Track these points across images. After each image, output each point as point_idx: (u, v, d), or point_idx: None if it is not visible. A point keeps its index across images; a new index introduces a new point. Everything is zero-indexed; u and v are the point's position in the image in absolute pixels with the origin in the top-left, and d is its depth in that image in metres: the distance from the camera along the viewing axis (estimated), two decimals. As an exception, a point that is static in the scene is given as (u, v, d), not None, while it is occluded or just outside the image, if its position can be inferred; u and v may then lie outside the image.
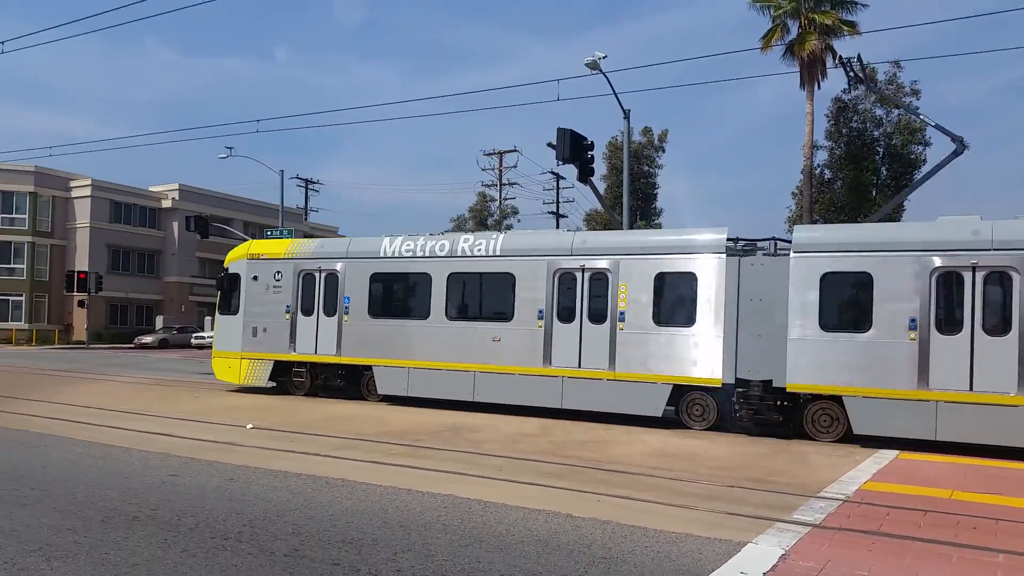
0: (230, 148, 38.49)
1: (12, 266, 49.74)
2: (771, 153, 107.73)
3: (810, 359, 12.71)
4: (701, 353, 13.66)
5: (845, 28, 29.57)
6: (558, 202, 59.02)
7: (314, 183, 68.28)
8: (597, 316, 14.57)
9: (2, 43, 21.11)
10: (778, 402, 13.09)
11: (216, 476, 8.60)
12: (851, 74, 17.85)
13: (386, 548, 5.92)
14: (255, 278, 18.56)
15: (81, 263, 49.22)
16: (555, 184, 54.57)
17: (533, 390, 14.98)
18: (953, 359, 11.71)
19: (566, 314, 14.89)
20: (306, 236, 25.48)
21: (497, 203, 50.15)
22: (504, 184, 53.36)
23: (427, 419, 14.16)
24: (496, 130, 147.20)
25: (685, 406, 13.96)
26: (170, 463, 9.28)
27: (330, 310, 17.51)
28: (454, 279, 16.15)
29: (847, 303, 12.98)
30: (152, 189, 56.65)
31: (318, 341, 17.57)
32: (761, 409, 13.11)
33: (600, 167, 40.97)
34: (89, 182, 51.55)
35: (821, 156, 34.64)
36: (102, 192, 52.04)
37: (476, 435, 12.35)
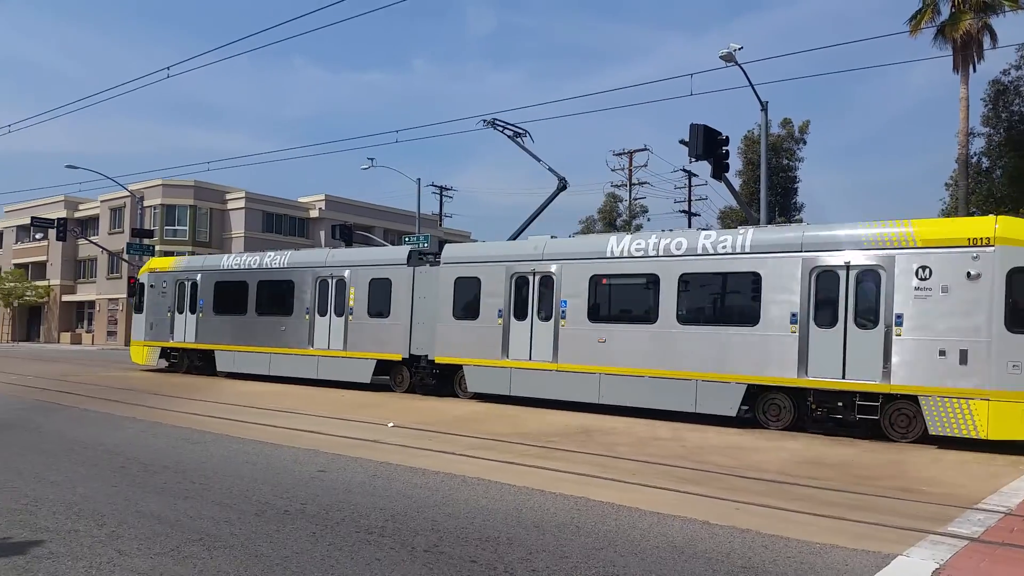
0: (371, 159, 40.14)
1: (176, 274, 53.91)
2: (922, 141, 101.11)
3: (447, 340, 17.94)
4: (399, 335, 18.98)
5: (1006, 3, 27.31)
6: (690, 200, 57.75)
7: (448, 189, 69.99)
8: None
9: (168, 68, 22.99)
10: (434, 371, 18.37)
11: (360, 472, 9.00)
12: None
13: (521, 547, 6.01)
14: (151, 286, 25.29)
15: (237, 271, 52.64)
16: (687, 182, 53.51)
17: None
18: (519, 339, 16.78)
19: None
20: (441, 241, 26.77)
21: (626, 203, 49.71)
22: (634, 184, 52.83)
23: (559, 421, 14.23)
24: (626, 129, 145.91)
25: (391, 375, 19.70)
26: (318, 459, 9.80)
27: (192, 309, 24.02)
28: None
29: (468, 300, 17.76)
30: (300, 200, 59.93)
31: (185, 332, 24.16)
32: (424, 376, 18.58)
33: (735, 162, 39.79)
34: (243, 194, 55.15)
35: (978, 144, 32.21)
36: (255, 204, 55.57)
37: (608, 438, 12.30)
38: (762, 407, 13.94)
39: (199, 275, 23.99)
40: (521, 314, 16.87)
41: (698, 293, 15.11)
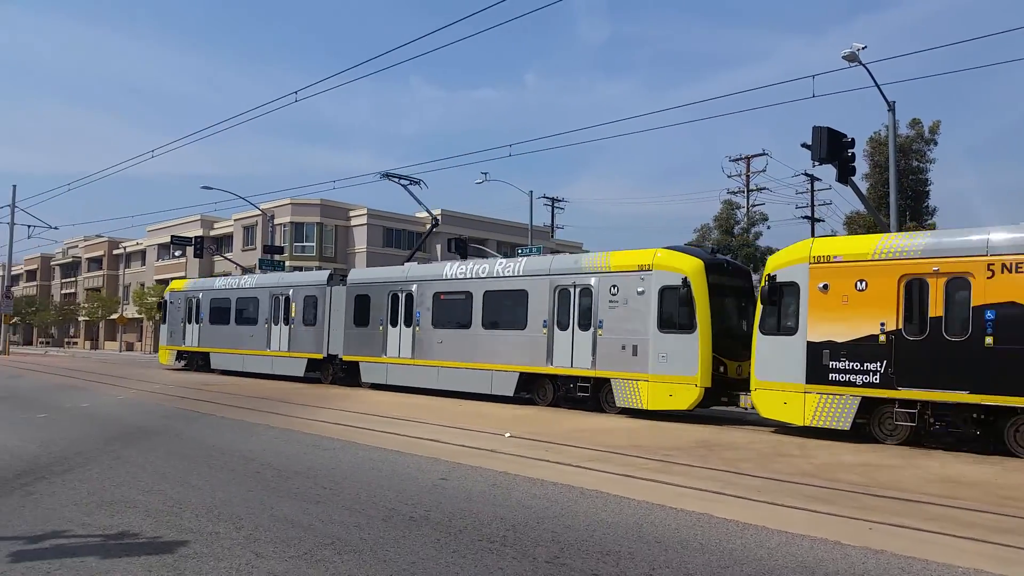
0: (485, 173, 40.89)
1: (303, 288, 56.61)
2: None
3: (345, 342, 24.12)
4: (321, 340, 25.21)
5: None
6: (812, 206, 55.54)
7: (560, 201, 70.14)
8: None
9: (296, 92, 24.23)
10: (343, 367, 24.55)
11: (480, 481, 9.13)
12: None
13: (643, 563, 5.94)
14: (172, 303, 32.79)
15: (359, 284, 54.71)
16: (809, 187, 51.58)
17: None
18: (393, 341, 22.59)
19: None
20: (552, 252, 27.07)
21: (744, 210, 48.29)
22: (752, 190, 51.32)
23: (676, 434, 13.97)
24: (744, 135, 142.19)
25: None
26: (439, 467, 10.01)
27: (197, 320, 31.35)
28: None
29: (362, 312, 23.59)
30: (418, 215, 61.54)
31: (192, 338, 31.57)
32: (337, 371, 24.87)
33: (861, 166, 37.98)
34: (365, 211, 57.22)
35: None
36: (376, 220, 57.55)
37: (730, 452, 11.97)
38: (536, 390, 19.23)
39: (200, 294, 31.32)
40: (394, 322, 22.63)
41: (494, 305, 20.22)
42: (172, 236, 49.36)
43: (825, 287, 13.63)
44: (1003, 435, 12.04)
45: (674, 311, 16.31)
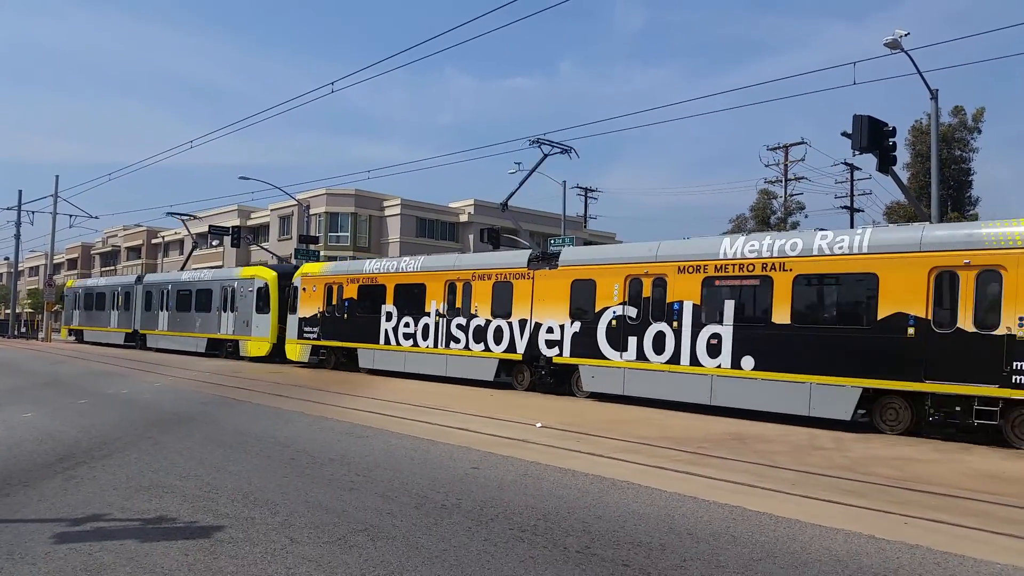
0: (518, 163, 40.92)
1: (337, 278, 57.20)
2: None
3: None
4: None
5: None
6: (852, 195, 54.60)
7: (593, 191, 69.78)
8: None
9: (332, 84, 24.45)
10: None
11: (511, 471, 9.16)
12: None
13: (674, 554, 5.92)
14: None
15: (392, 274, 55.18)
16: (849, 176, 50.73)
17: None
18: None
19: None
20: (586, 243, 27.33)
21: (781, 200, 47.65)
22: (790, 179, 50.62)
23: (708, 426, 13.88)
24: (784, 123, 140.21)
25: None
26: (470, 456, 10.06)
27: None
28: None
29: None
30: (451, 205, 61.77)
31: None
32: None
33: (903, 155, 37.32)
34: (399, 201, 57.51)
35: None
36: (410, 210, 57.82)
37: (763, 445, 11.86)
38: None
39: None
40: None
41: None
42: (210, 226, 50.10)
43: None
44: None
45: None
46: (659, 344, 16.84)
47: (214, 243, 65.45)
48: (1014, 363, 12.07)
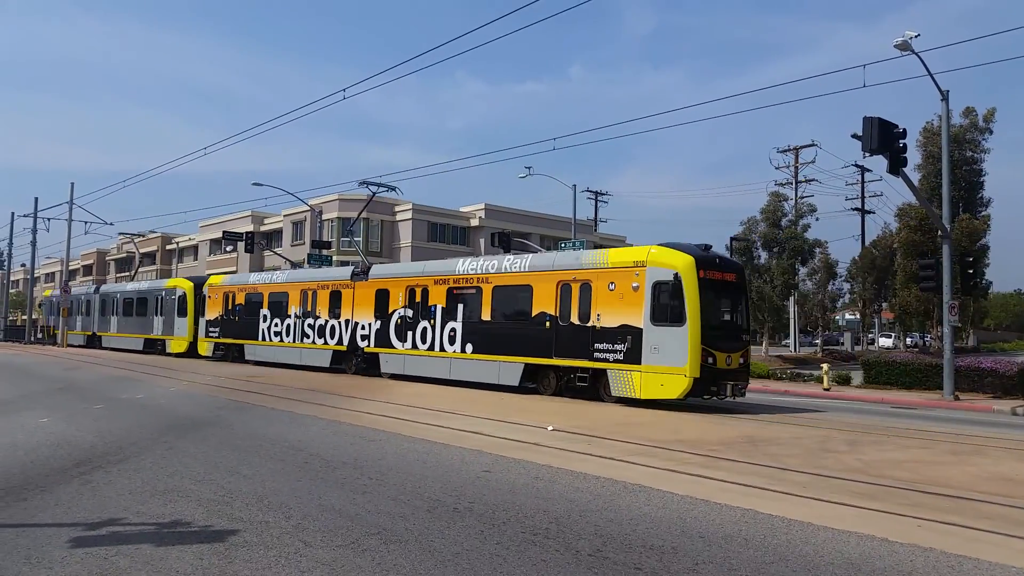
0: (529, 167, 40.88)
1: (349, 282, 57.38)
2: None
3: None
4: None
5: None
6: (863, 197, 54.34)
7: (603, 195, 69.82)
8: None
9: (344, 90, 24.61)
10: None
11: (523, 474, 9.18)
12: None
13: (686, 557, 5.93)
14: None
15: (403, 278, 55.27)
16: (859, 178, 50.47)
17: None
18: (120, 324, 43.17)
19: None
20: (596, 247, 27.55)
21: (792, 202, 47.45)
22: (800, 181, 50.43)
23: (720, 429, 13.86)
24: (793, 126, 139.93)
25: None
26: (482, 460, 10.09)
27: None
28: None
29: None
30: (462, 210, 61.87)
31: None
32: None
33: (914, 156, 37.08)
34: (410, 206, 57.65)
35: None
36: (421, 215, 57.96)
37: (775, 448, 11.84)
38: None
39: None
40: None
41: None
42: (224, 232, 50.40)
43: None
44: None
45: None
46: (424, 336, 23.18)
47: (228, 248, 65.82)
48: (595, 344, 18.38)
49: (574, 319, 18.81)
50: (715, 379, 17.05)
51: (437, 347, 22.53)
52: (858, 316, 63.12)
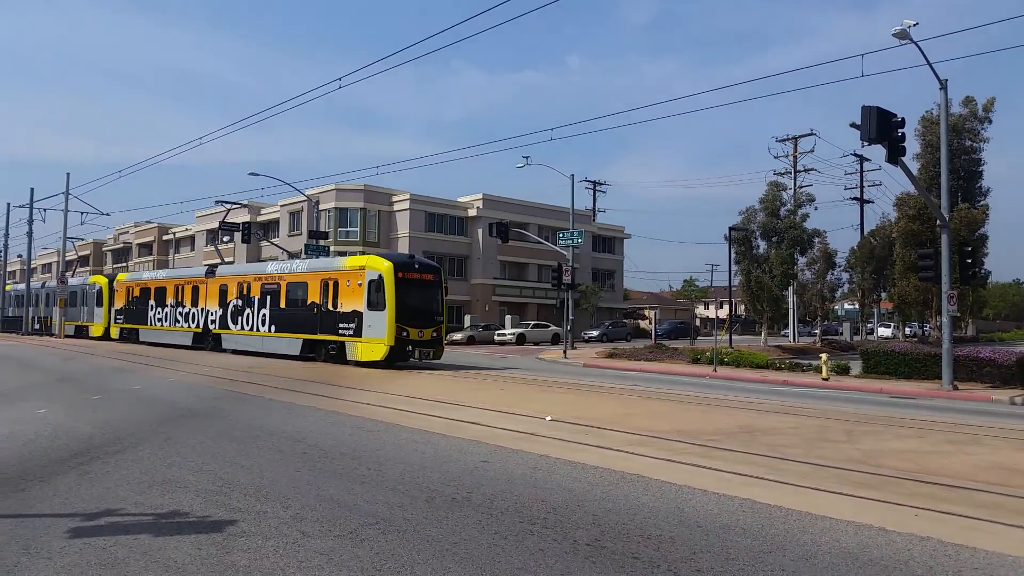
0: (527, 157, 40.76)
1: (347, 272, 57.39)
2: None
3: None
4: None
5: None
6: (862, 187, 54.33)
7: (601, 185, 69.71)
8: None
9: (340, 79, 24.45)
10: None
11: (521, 464, 9.19)
12: None
13: (684, 547, 5.93)
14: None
15: (401, 268, 55.26)
16: (858, 167, 50.44)
17: None
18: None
19: None
20: (596, 237, 27.57)
21: (791, 191, 47.40)
22: (799, 171, 50.40)
23: (719, 419, 13.88)
24: (792, 115, 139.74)
25: None
26: (480, 450, 10.09)
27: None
28: None
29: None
30: (460, 200, 61.80)
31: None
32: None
33: (912, 145, 37.08)
34: (408, 196, 57.60)
35: None
36: (419, 205, 57.91)
37: (774, 438, 11.85)
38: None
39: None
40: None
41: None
42: (220, 222, 50.31)
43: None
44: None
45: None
46: (248, 320, 30.56)
47: (225, 239, 65.69)
48: (339, 324, 25.74)
49: (329, 306, 26.16)
50: (409, 347, 24.44)
51: (255, 328, 30.07)
52: (857, 306, 63.16)
